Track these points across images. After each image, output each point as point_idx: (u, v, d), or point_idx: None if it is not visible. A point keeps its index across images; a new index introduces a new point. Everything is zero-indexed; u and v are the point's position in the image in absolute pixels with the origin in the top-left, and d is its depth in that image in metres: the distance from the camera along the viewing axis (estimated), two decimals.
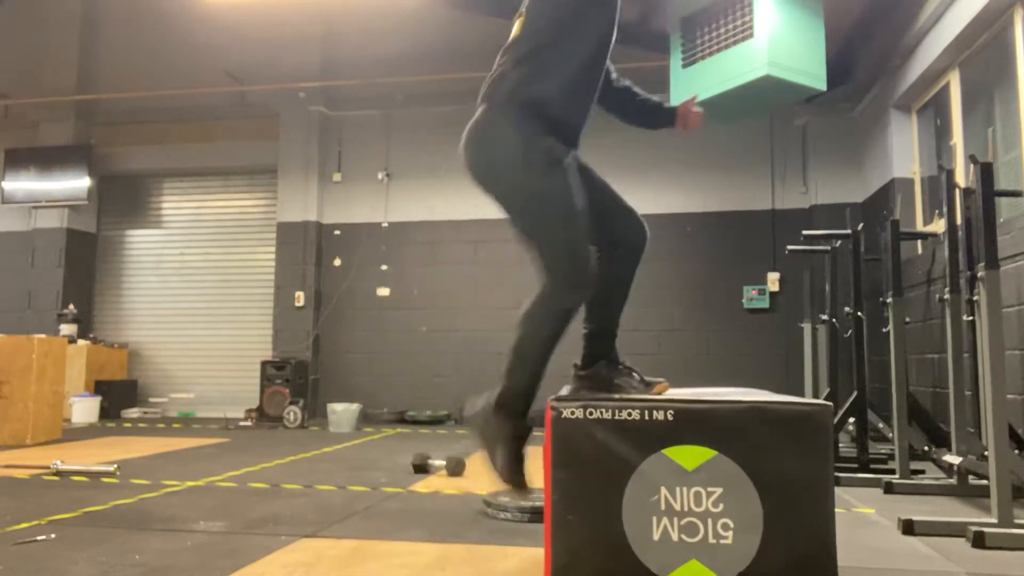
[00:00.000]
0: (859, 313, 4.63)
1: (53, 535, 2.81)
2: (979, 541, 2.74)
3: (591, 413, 2.00)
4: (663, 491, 1.93)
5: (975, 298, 3.08)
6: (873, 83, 6.80)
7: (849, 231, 4.82)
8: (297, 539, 2.79)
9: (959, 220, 3.72)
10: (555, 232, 2.14)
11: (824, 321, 5.47)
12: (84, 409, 7.66)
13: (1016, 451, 3.37)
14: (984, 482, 3.57)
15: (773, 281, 7.65)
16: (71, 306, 8.59)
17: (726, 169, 7.88)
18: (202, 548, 2.65)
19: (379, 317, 8.43)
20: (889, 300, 4.12)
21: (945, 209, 3.77)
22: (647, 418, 1.97)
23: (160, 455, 5.18)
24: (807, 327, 6.21)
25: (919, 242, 5.83)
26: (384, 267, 8.48)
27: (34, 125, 9.16)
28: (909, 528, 2.96)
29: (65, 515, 3.17)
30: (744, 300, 7.69)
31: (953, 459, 3.57)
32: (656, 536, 1.92)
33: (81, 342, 8.35)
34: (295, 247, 8.50)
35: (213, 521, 3.09)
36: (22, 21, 9.41)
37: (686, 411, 1.96)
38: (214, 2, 8.20)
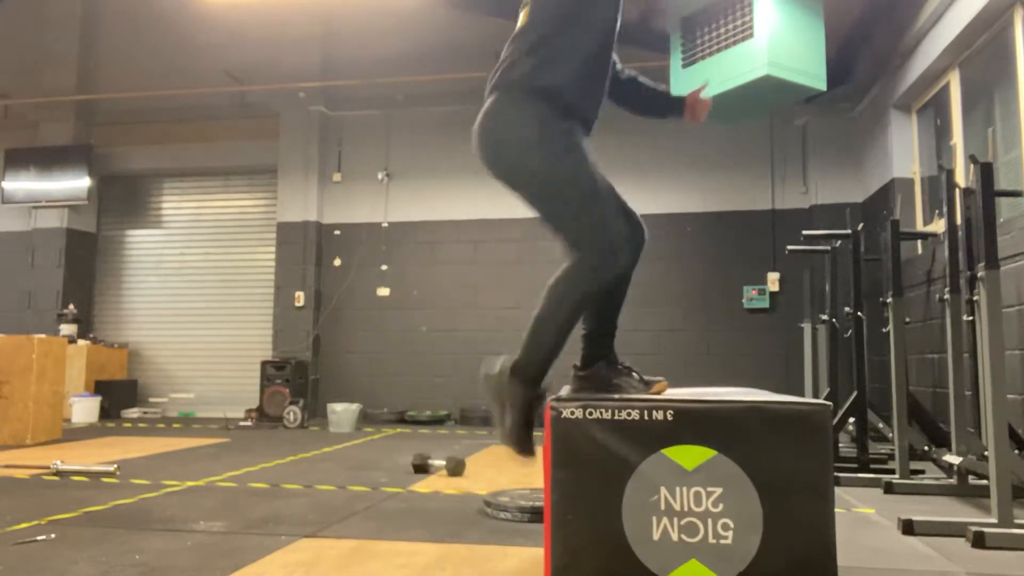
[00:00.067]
0: (859, 313, 4.63)
1: (53, 535, 2.81)
2: (979, 541, 2.74)
3: (591, 413, 2.00)
4: (663, 491, 1.94)
5: (975, 298, 3.08)
6: (873, 83, 6.80)
7: (849, 231, 4.82)
8: (297, 539, 2.79)
9: (959, 220, 3.72)
10: (583, 208, 2.13)
11: (824, 321, 5.47)
12: (84, 409, 7.66)
13: (1016, 451, 3.37)
14: (984, 482, 3.57)
15: (773, 281, 7.65)
16: (71, 306, 8.59)
17: (726, 169, 7.88)
18: (202, 548, 2.65)
19: (379, 317, 8.43)
20: (889, 300, 4.12)
21: (945, 209, 3.77)
22: (647, 418, 1.97)
23: (160, 455, 5.18)
24: (807, 327, 6.21)
25: (919, 242, 5.83)
26: (384, 267, 8.48)
27: (34, 125, 9.16)
28: (909, 528, 2.96)
29: (65, 515, 3.18)
30: (744, 300, 7.69)
31: (953, 459, 3.57)
32: (656, 536, 1.92)
33: (81, 342, 8.35)
34: (295, 247, 8.50)
35: (213, 521, 3.09)
36: (22, 21, 9.41)
37: (686, 411, 1.96)
38: (214, 2, 8.20)
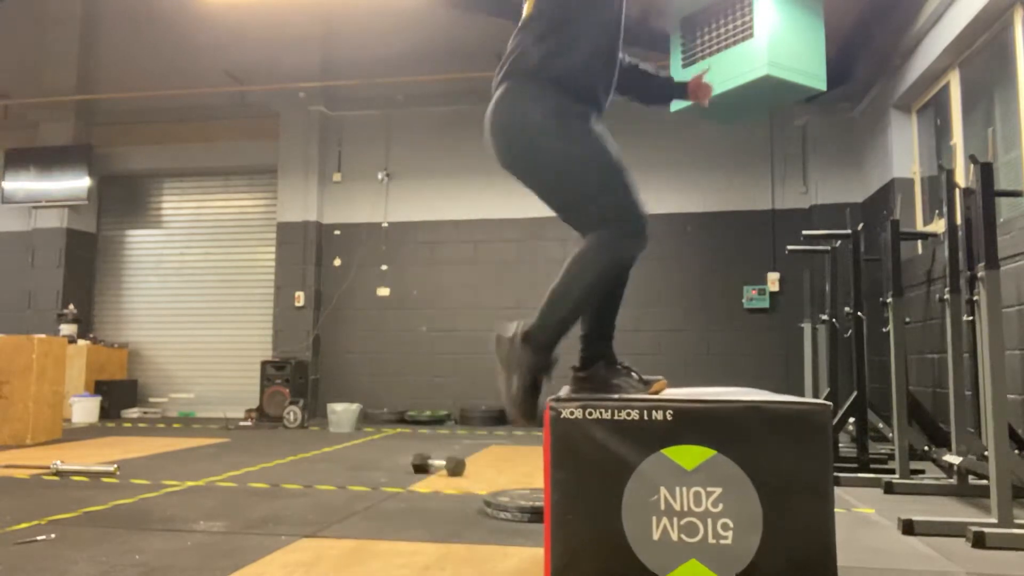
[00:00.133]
0: (859, 313, 4.63)
1: (53, 535, 2.81)
2: (979, 541, 2.74)
3: (590, 413, 2.00)
4: (663, 491, 1.93)
5: (975, 298, 3.08)
6: (873, 83, 6.80)
7: (849, 231, 4.82)
8: (297, 539, 2.79)
9: (959, 220, 3.72)
10: (608, 185, 2.14)
11: (824, 321, 5.47)
12: (84, 409, 7.66)
13: (1016, 451, 3.37)
14: (984, 482, 3.58)
15: (773, 281, 7.65)
16: (71, 306, 8.59)
17: (726, 169, 7.88)
18: (202, 548, 2.65)
19: (379, 317, 8.43)
20: (889, 300, 4.12)
21: (945, 209, 3.77)
22: (646, 418, 1.97)
23: (160, 455, 5.18)
24: (807, 327, 6.21)
25: (919, 242, 5.82)
26: (384, 267, 8.48)
27: (34, 125, 9.17)
28: (909, 528, 2.96)
29: (65, 515, 3.18)
30: (744, 300, 7.69)
31: (953, 459, 3.57)
32: (656, 536, 1.92)
33: (81, 342, 8.35)
34: (295, 247, 8.50)
35: (213, 521, 3.09)
36: (22, 21, 9.42)
37: (685, 411, 1.96)
38: (214, 2, 8.21)
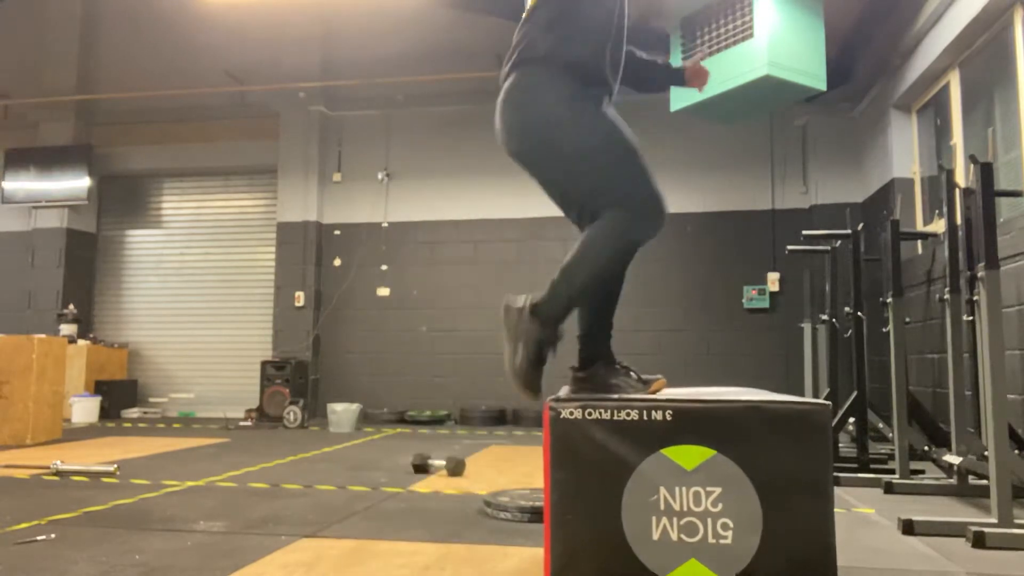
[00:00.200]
0: (859, 313, 4.63)
1: (53, 535, 2.81)
2: (979, 541, 2.74)
3: (590, 414, 2.00)
4: (662, 491, 1.93)
5: (975, 298, 3.08)
6: (873, 83, 6.80)
7: (849, 231, 4.82)
8: (297, 539, 2.79)
9: (959, 220, 3.72)
10: (624, 166, 2.14)
11: (824, 321, 5.47)
12: (84, 409, 7.66)
13: (1016, 451, 3.37)
14: (984, 482, 3.58)
15: (773, 281, 7.65)
16: (71, 306, 8.59)
17: (726, 169, 7.88)
18: (202, 548, 2.65)
19: (379, 317, 8.43)
20: (889, 300, 4.12)
21: (945, 209, 3.77)
22: (646, 418, 1.97)
23: (160, 455, 5.18)
24: (807, 327, 6.21)
25: (919, 242, 5.82)
26: (384, 267, 8.48)
27: (34, 125, 9.17)
28: (909, 528, 2.96)
29: (65, 515, 3.18)
30: (744, 300, 7.69)
31: (953, 459, 3.57)
32: (656, 536, 1.92)
33: (81, 342, 8.35)
34: (295, 247, 8.50)
35: (213, 521, 3.09)
36: (22, 21, 9.42)
37: (684, 411, 1.96)
38: (214, 2, 8.21)
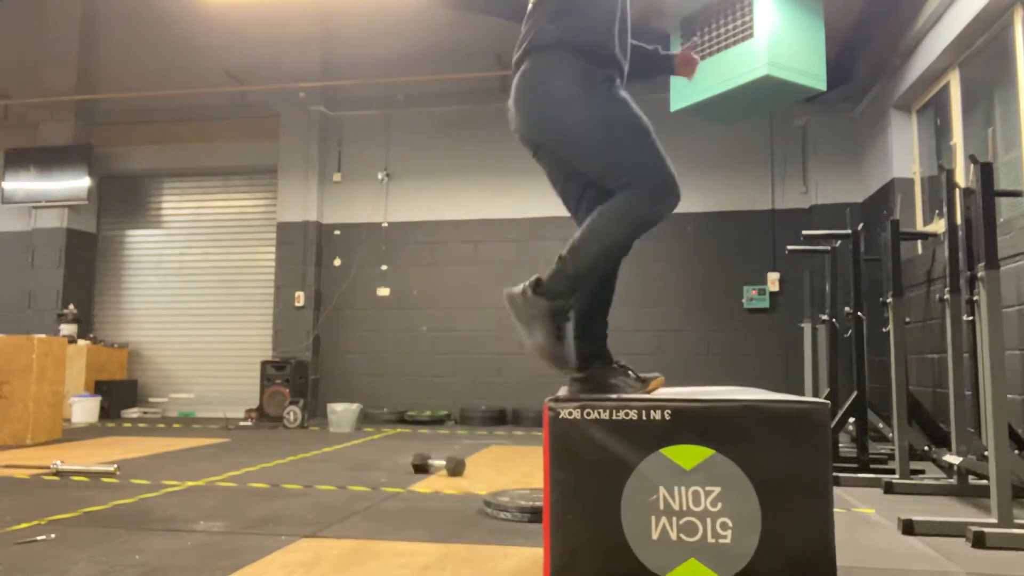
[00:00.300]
0: (859, 313, 4.63)
1: (53, 535, 2.81)
2: (979, 541, 2.74)
3: (589, 414, 2.00)
4: (661, 491, 1.93)
5: (975, 298, 3.08)
6: (873, 83, 6.80)
7: (849, 231, 4.82)
8: (297, 539, 2.79)
9: (959, 220, 3.72)
10: (638, 145, 2.15)
11: (824, 321, 5.47)
12: (84, 409, 7.66)
13: (1016, 451, 3.37)
14: (984, 482, 3.57)
15: (773, 281, 7.65)
16: (71, 306, 8.59)
17: (726, 169, 7.88)
18: (202, 548, 2.65)
19: (379, 317, 8.43)
20: (889, 300, 4.12)
21: (945, 209, 3.77)
22: (644, 418, 1.97)
23: (160, 455, 5.18)
24: (807, 327, 6.21)
25: (919, 242, 5.82)
26: (384, 267, 8.48)
27: (34, 125, 9.17)
28: (909, 528, 2.96)
29: (65, 515, 3.18)
30: (744, 300, 7.69)
31: (953, 459, 3.57)
32: (655, 535, 1.92)
33: (81, 342, 8.35)
34: (295, 247, 8.50)
35: (213, 521, 3.09)
36: (22, 21, 9.42)
37: (683, 411, 1.96)
38: (214, 2, 8.21)
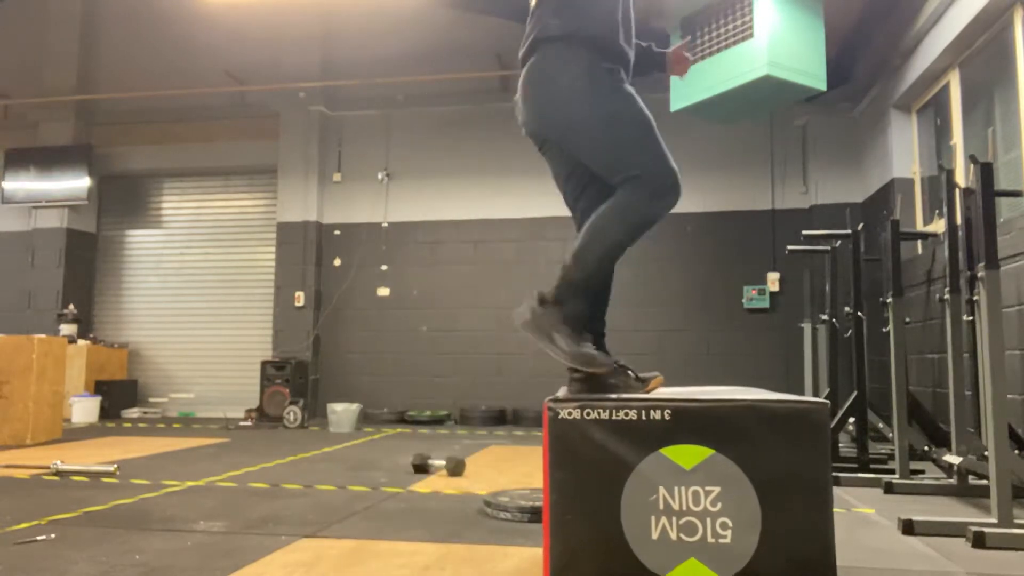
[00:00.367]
0: (859, 313, 4.63)
1: (53, 535, 2.81)
2: (979, 541, 2.74)
3: (588, 414, 2.00)
4: (661, 491, 1.93)
5: (975, 298, 3.08)
6: (873, 83, 6.80)
7: (849, 231, 4.82)
8: (297, 539, 2.79)
9: (959, 220, 3.72)
10: (641, 140, 2.16)
11: (824, 321, 5.47)
12: (84, 409, 7.66)
13: (1016, 451, 3.37)
14: (984, 482, 3.57)
15: (773, 281, 7.65)
16: (71, 306, 8.59)
17: (726, 169, 7.88)
18: (202, 548, 2.65)
19: (379, 317, 8.43)
20: (889, 300, 4.12)
21: (945, 209, 3.77)
22: (644, 418, 1.97)
23: (160, 455, 5.18)
24: (807, 327, 6.21)
25: (919, 242, 5.82)
26: (384, 267, 8.48)
27: (34, 125, 9.17)
28: (909, 528, 2.96)
29: (65, 515, 3.18)
30: (744, 300, 7.69)
31: (953, 459, 3.56)
32: (655, 535, 1.92)
33: (81, 342, 8.35)
34: (295, 247, 8.50)
35: (213, 521, 3.09)
36: (22, 21, 9.42)
37: (683, 410, 1.96)
38: (214, 2, 8.21)
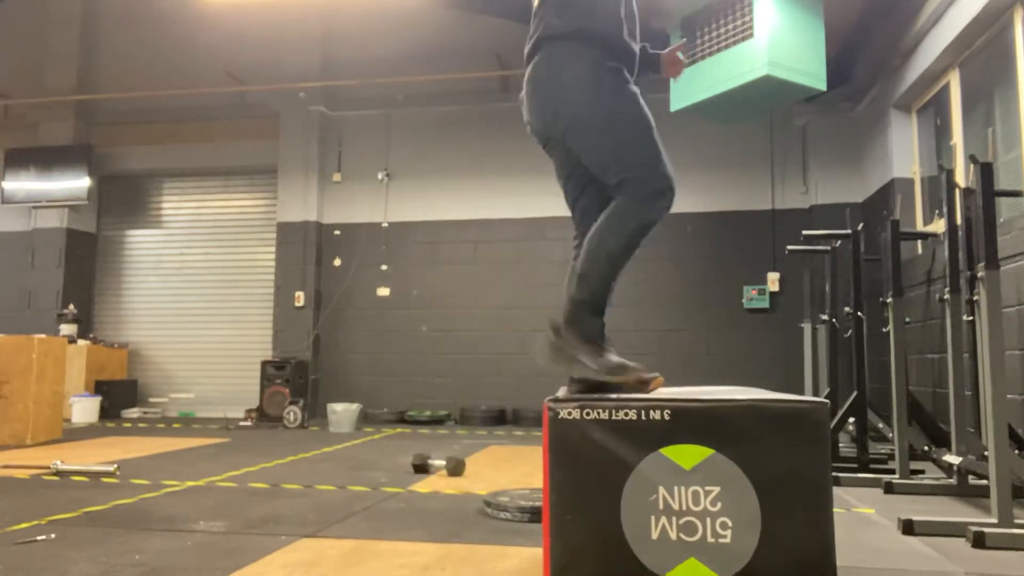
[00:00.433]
0: (859, 313, 4.63)
1: (53, 535, 2.81)
2: (979, 541, 2.74)
3: (588, 414, 2.00)
4: (661, 490, 1.93)
5: (975, 298, 3.08)
6: (873, 83, 6.80)
7: (849, 231, 4.82)
8: (297, 539, 2.79)
9: (959, 220, 3.72)
10: (636, 145, 2.17)
11: (824, 321, 5.47)
12: (84, 409, 7.66)
13: (1016, 451, 3.37)
14: (984, 482, 3.57)
15: (773, 281, 7.65)
16: (71, 306, 8.59)
17: (726, 169, 7.88)
18: (202, 548, 2.65)
19: (379, 317, 8.43)
20: (889, 300, 4.12)
21: (945, 209, 3.77)
22: (644, 418, 1.97)
23: (160, 455, 5.18)
24: (807, 327, 6.21)
25: (919, 242, 5.82)
26: (384, 267, 8.48)
27: (34, 125, 9.17)
28: (909, 528, 2.96)
29: (65, 515, 3.18)
30: (744, 300, 7.69)
31: (953, 459, 3.56)
32: (655, 535, 1.92)
33: (81, 342, 8.35)
34: (295, 247, 8.50)
35: (213, 521, 3.09)
36: (22, 21, 9.42)
37: (682, 410, 1.96)
38: (214, 2, 8.20)
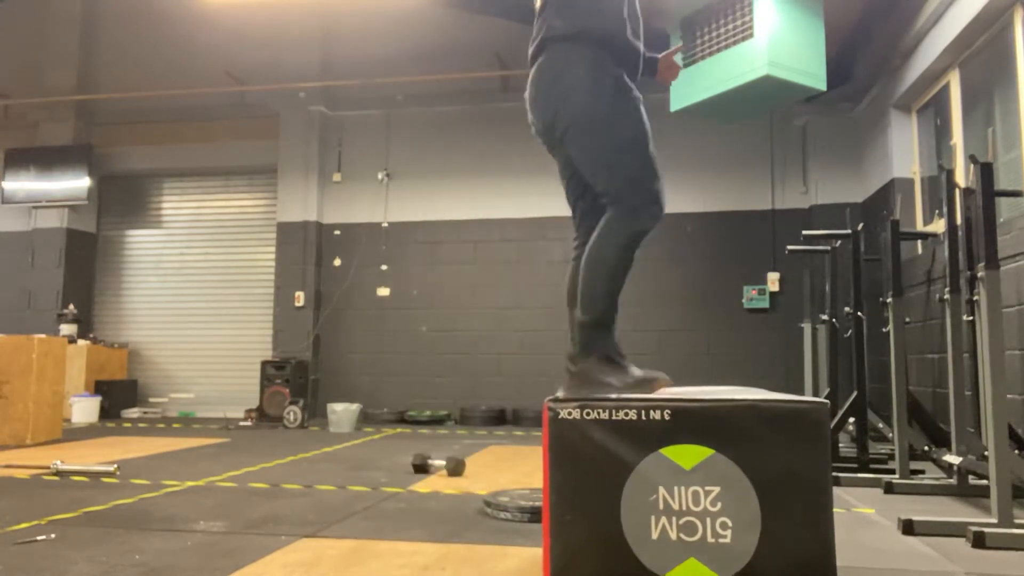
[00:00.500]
0: (859, 313, 4.63)
1: (53, 535, 2.81)
2: (979, 541, 2.74)
3: (588, 414, 2.00)
4: (661, 490, 1.93)
5: (975, 298, 3.08)
6: (873, 83, 6.80)
7: (849, 231, 4.82)
8: (297, 539, 2.79)
9: (959, 220, 3.72)
10: (627, 153, 2.19)
11: (824, 321, 5.47)
12: (84, 409, 7.66)
13: (1016, 451, 3.37)
14: (984, 482, 3.58)
15: (773, 281, 7.64)
16: (71, 306, 8.59)
17: (726, 169, 7.88)
18: (202, 548, 2.65)
19: (379, 317, 8.43)
20: (889, 300, 4.12)
21: (945, 209, 3.77)
22: (644, 418, 1.97)
23: (160, 455, 5.18)
24: (807, 327, 6.21)
25: (919, 242, 5.82)
26: (384, 267, 8.48)
27: (34, 125, 9.16)
28: (909, 528, 2.96)
29: (65, 515, 3.18)
30: (744, 300, 7.69)
31: (953, 459, 3.56)
32: (655, 535, 1.92)
33: (81, 342, 8.35)
34: (295, 247, 8.50)
35: (213, 521, 3.09)
36: (22, 21, 9.42)
37: (682, 410, 1.96)
38: (214, 2, 8.20)
